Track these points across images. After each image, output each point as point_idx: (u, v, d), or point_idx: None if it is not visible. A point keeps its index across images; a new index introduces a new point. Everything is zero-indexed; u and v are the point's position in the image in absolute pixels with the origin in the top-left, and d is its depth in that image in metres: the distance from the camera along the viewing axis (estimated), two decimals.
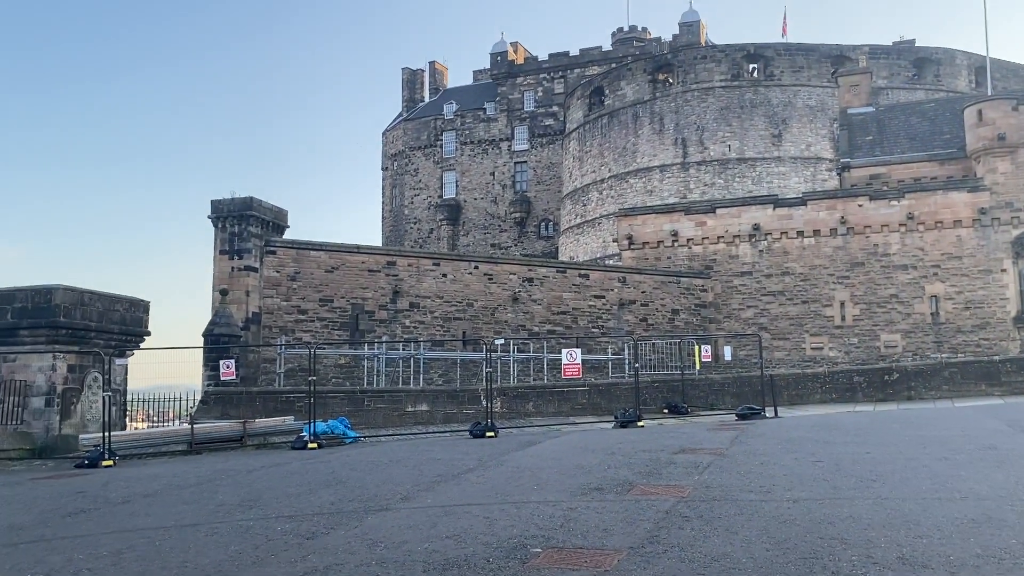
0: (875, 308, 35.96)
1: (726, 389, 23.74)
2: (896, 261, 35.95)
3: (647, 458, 12.30)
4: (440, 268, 32.51)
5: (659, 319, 36.81)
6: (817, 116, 57.08)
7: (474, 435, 17.05)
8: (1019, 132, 34.59)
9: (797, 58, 58.15)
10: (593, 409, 22.33)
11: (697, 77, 58.94)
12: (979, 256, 34.90)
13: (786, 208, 37.80)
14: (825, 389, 24.00)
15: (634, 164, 60.39)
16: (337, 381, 28.86)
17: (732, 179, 56.62)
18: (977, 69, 58.46)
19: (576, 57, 78.56)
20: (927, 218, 35.57)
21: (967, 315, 34.81)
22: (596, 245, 61.27)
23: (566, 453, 13.63)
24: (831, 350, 36.30)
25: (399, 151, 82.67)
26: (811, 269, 36.94)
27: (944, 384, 22.95)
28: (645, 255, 39.59)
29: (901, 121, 41.85)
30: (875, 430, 14.67)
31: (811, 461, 11.38)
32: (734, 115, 57.47)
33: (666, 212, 40.13)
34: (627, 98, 61.81)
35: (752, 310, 37.43)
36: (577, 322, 34.67)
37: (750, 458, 11.99)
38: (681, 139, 58.43)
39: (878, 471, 10.26)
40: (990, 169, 35.19)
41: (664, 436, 15.63)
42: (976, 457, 10.97)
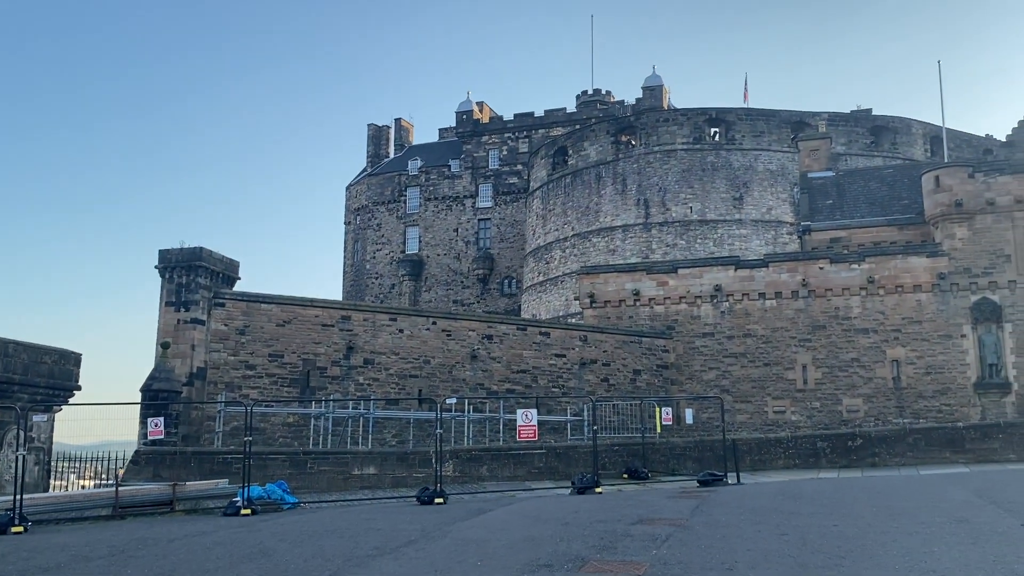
0: (837, 372, 35.68)
1: (688, 453, 23.01)
2: (857, 324, 35.83)
3: (603, 529, 11.45)
4: (397, 323, 31.63)
5: (621, 379, 36.16)
6: (778, 180, 57.74)
7: (422, 501, 16.05)
8: (975, 199, 35.00)
9: (758, 123, 59.04)
10: (550, 473, 21.42)
11: (660, 139, 59.52)
12: (939, 321, 34.91)
13: (748, 269, 37.68)
14: (788, 454, 23.37)
15: (597, 223, 60.42)
16: (285, 441, 27.60)
17: (694, 240, 56.78)
18: (932, 138, 59.85)
19: (541, 118, 79.28)
20: (887, 282, 35.62)
21: (928, 380, 34.65)
22: (559, 303, 60.82)
23: (517, 523, 12.73)
24: (793, 414, 35.84)
25: (362, 206, 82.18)
26: (773, 331, 36.68)
27: (908, 451, 22.45)
28: (607, 314, 39.12)
29: (860, 186, 42.31)
30: (841, 500, 13.99)
31: (776, 534, 10.63)
32: (696, 177, 57.94)
33: (628, 271, 39.80)
34: (590, 158, 62.17)
35: (714, 372, 36.95)
36: (537, 381, 33.88)
37: (711, 530, 11.21)
38: (643, 200, 58.67)
39: (847, 547, 9.54)
40: (948, 235, 35.47)
41: (622, 504, 14.79)
42: (948, 531, 10.31)
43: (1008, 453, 21.39)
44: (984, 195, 34.98)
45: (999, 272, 34.45)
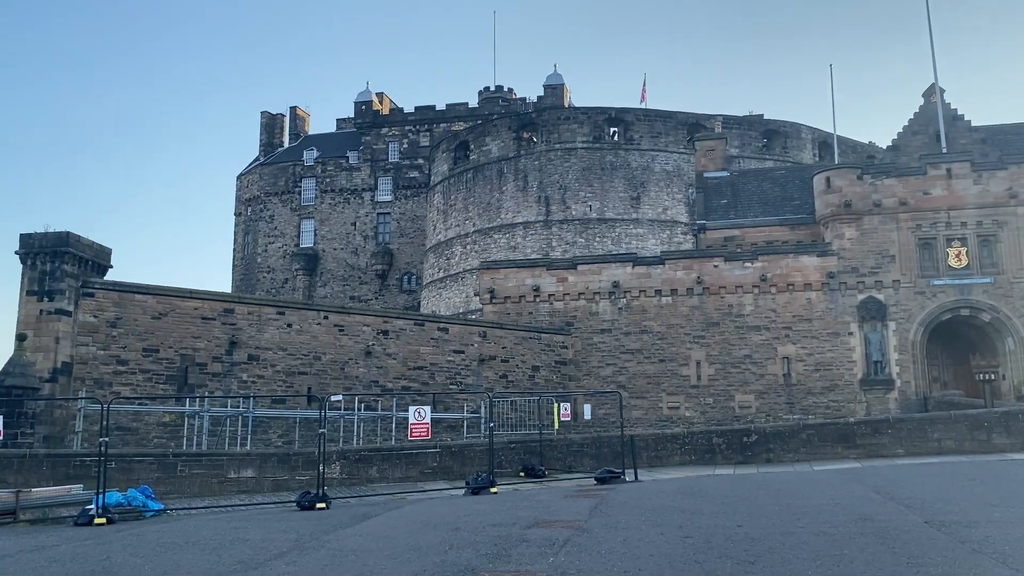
0: (730, 368, 36.08)
1: (585, 450, 22.47)
2: (750, 322, 36.33)
3: (496, 534, 10.58)
4: (285, 317, 29.98)
5: (519, 376, 35.55)
6: (674, 181, 58.49)
7: (302, 506, 14.81)
8: (864, 200, 35.99)
9: (656, 124, 59.68)
10: (444, 473, 20.45)
11: (560, 137, 59.39)
12: (828, 319, 35.75)
13: (645, 267, 37.71)
14: (685, 450, 23.15)
15: (498, 220, 59.80)
16: (160, 442, 25.62)
17: (593, 239, 56.88)
18: (820, 143, 61.91)
19: (442, 112, 78.14)
20: (779, 280, 36.25)
21: (817, 377, 35.43)
22: (459, 300, 59.92)
23: (403, 529, 11.73)
24: (687, 410, 36.05)
25: (254, 196, 79.04)
26: (668, 328, 36.82)
27: (802, 446, 22.58)
28: (507, 310, 38.47)
29: (754, 186, 43.06)
30: (742, 498, 13.58)
31: (679, 537, 10.00)
32: (595, 176, 58.07)
33: (529, 267, 39.25)
34: (492, 154, 61.48)
35: (611, 368, 36.81)
36: (435, 378, 32.85)
37: (611, 533, 10.50)
38: (544, 197, 58.39)
39: (755, 550, 8.98)
40: (837, 235, 36.36)
41: (518, 505, 13.98)
42: (855, 531, 9.91)
43: (896, 448, 21.76)
44: (872, 197, 36.04)
45: (884, 272, 35.55)
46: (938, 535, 9.45)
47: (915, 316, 35.07)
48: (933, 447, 21.54)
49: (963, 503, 11.93)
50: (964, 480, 14.89)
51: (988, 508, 11.43)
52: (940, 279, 35.13)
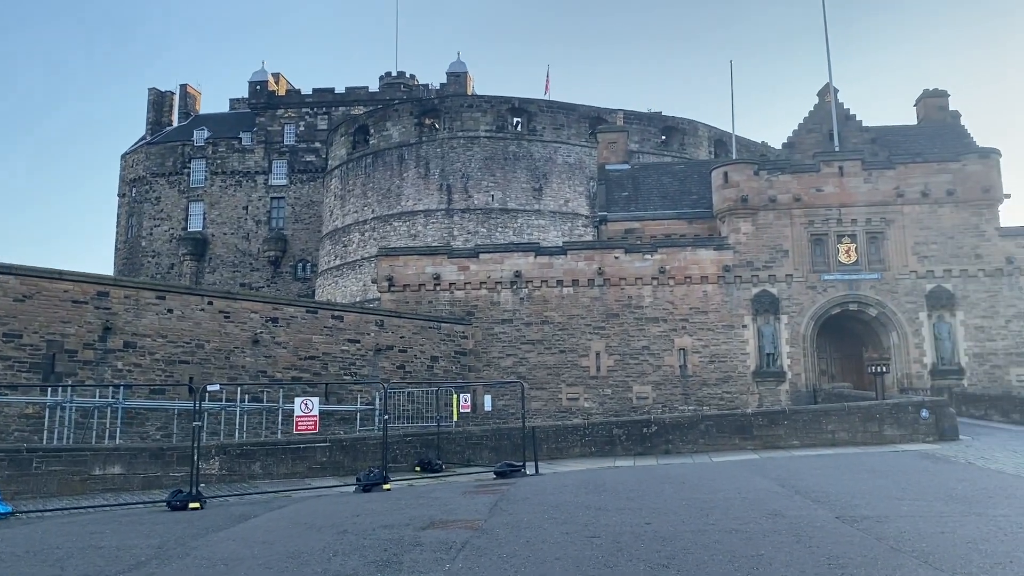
0: (628, 360, 36.06)
1: (485, 443, 21.69)
2: (648, 314, 36.41)
3: (387, 538, 9.63)
4: (166, 302, 27.94)
5: (418, 366, 34.50)
6: (575, 173, 58.53)
7: (173, 507, 13.45)
8: (759, 196, 36.54)
9: (558, 115, 59.56)
10: (335, 468, 19.28)
11: (463, 125, 58.49)
12: (723, 311, 36.16)
13: (547, 257, 37.27)
14: (585, 442, 22.69)
15: (398, 207, 58.44)
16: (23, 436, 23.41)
17: (495, 228, 56.30)
18: (716, 141, 63.21)
19: (342, 95, 75.92)
20: (677, 273, 36.44)
21: (712, 368, 35.80)
22: (356, 288, 58.27)
23: (284, 532, 10.62)
24: (586, 401, 35.84)
25: (139, 176, 74.88)
26: (569, 319, 36.50)
27: (700, 438, 22.47)
28: (406, 298, 37.33)
29: (654, 180, 43.24)
30: (647, 492, 13.06)
31: (586, 537, 9.31)
32: (498, 166, 57.47)
33: (429, 255, 38.20)
34: (393, 139, 60.01)
35: (512, 358, 36.22)
36: (327, 368, 31.41)
37: (513, 534, 9.72)
38: (446, 185, 57.39)
39: (667, 551, 8.36)
40: (734, 229, 36.80)
41: (412, 503, 13.04)
42: (768, 528, 9.44)
43: (792, 439, 21.90)
44: (767, 192, 36.62)
45: (778, 266, 36.20)
46: (853, 532, 9.08)
47: (806, 310, 35.88)
48: (827, 439, 21.79)
49: (869, 496, 11.73)
50: (864, 472, 14.85)
51: (895, 502, 11.24)
52: (831, 274, 36.04)
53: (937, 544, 8.24)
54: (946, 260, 35.49)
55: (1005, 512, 10.13)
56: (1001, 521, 9.46)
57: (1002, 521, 9.46)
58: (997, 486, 12.59)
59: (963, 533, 8.76)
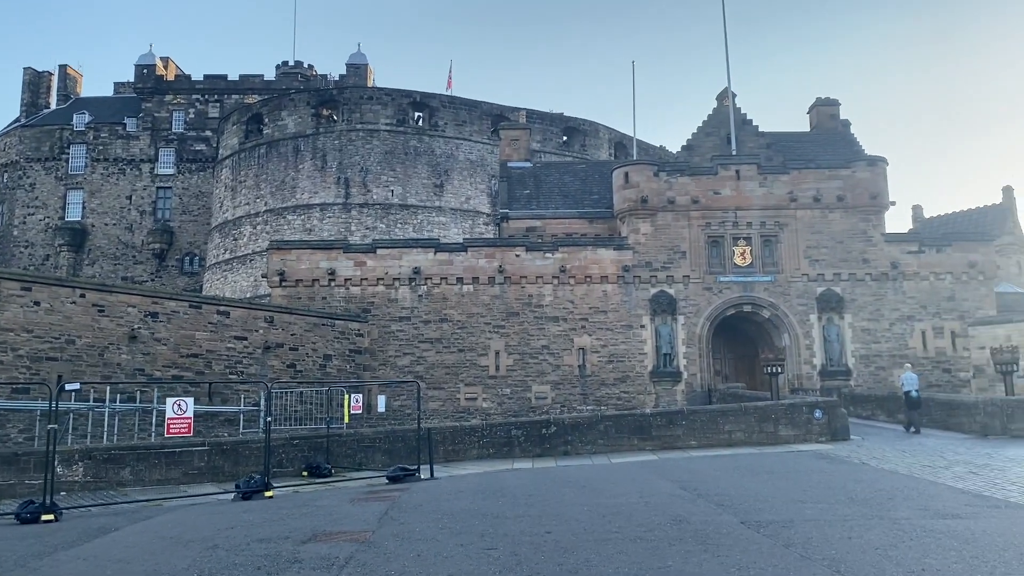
0: (528, 359, 35.67)
1: (378, 445, 20.73)
2: (549, 313, 36.11)
3: (262, 553, 8.68)
4: (31, 294, 25.71)
5: (310, 365, 33.09)
6: (477, 171, 57.93)
7: (22, 519, 12.01)
8: (659, 197, 36.78)
9: (461, 112, 58.84)
10: (214, 474, 17.96)
11: (363, 117, 57.02)
12: (622, 311, 36.22)
13: (447, 253, 36.48)
14: (483, 444, 22.04)
15: (293, 200, 56.43)
16: None
17: (394, 224, 55.09)
18: (616, 144, 63.83)
19: (235, 82, 72.94)
20: (578, 272, 36.28)
21: (610, 368, 35.79)
22: (247, 284, 55.93)
23: (147, 548, 9.49)
24: (485, 400, 35.25)
25: (12, 161, 69.88)
26: (469, 317, 35.82)
27: (599, 438, 22.16)
28: (298, 294, 35.83)
29: (555, 179, 43.07)
30: (547, 497, 12.47)
31: (482, 549, 8.60)
32: (398, 160, 56.27)
33: (324, 248, 36.79)
34: (288, 129, 57.93)
35: (409, 357, 35.25)
36: (212, 367, 29.67)
37: (403, 546, 8.92)
38: (344, 179, 55.79)
39: (570, 563, 7.75)
40: (633, 229, 36.92)
41: (295, 512, 12.05)
42: (673, 536, 8.97)
43: (690, 440, 21.84)
44: (666, 194, 36.90)
45: (676, 267, 36.51)
46: (760, 538, 8.70)
47: (703, 311, 36.32)
48: (724, 439, 21.83)
49: (772, 500, 11.48)
50: (763, 474, 14.72)
51: (797, 505, 11.01)
52: (726, 276, 36.60)
53: (846, 551, 7.92)
54: (836, 264, 36.57)
55: (906, 515, 10.00)
56: (905, 525, 9.29)
57: (905, 525, 9.29)
58: (893, 487, 12.59)
59: (870, 538, 8.50)
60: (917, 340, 36.09)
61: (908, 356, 35.38)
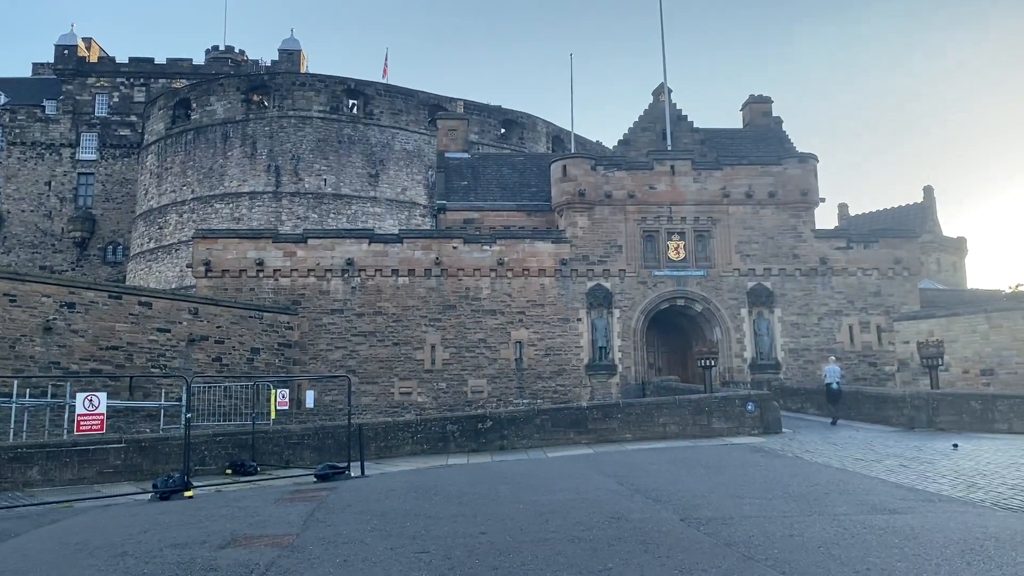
0: (464, 352, 35.22)
1: (306, 442, 20.03)
2: (486, 306, 35.71)
3: (175, 561, 8.07)
4: None
5: (236, 359, 32.02)
6: (414, 161, 57.10)
7: None
8: (596, 190, 36.70)
9: (397, 101, 57.87)
10: (132, 473, 17.06)
11: (295, 104, 55.57)
12: (559, 305, 36.05)
13: (382, 244, 35.73)
14: (417, 439, 21.54)
15: (221, 188, 54.69)
16: None
17: (327, 215, 53.89)
18: (554, 138, 63.70)
19: (163, 66, 70.41)
20: (515, 265, 35.96)
21: (547, 362, 35.60)
22: (172, 274, 54.04)
23: (45, 558, 8.76)
24: (420, 395, 34.68)
25: None
26: (404, 310, 35.17)
27: (535, 432, 21.89)
28: (225, 284, 34.65)
29: (494, 170, 42.65)
30: (482, 495, 12.06)
31: (414, 552, 8.16)
32: (332, 149, 55.04)
33: (252, 238, 35.65)
34: (217, 115, 56.09)
35: (341, 351, 34.43)
36: (133, 360, 28.44)
37: (329, 551, 8.42)
38: (275, 167, 54.30)
39: (505, 567, 7.36)
40: (571, 223, 36.77)
41: (215, 514, 11.39)
42: (612, 535, 8.67)
43: (625, 433, 21.74)
44: (604, 187, 36.85)
45: (612, 261, 36.50)
46: (701, 537, 8.46)
47: (637, 304, 36.39)
48: (659, 432, 21.79)
49: (710, 496, 11.30)
50: (699, 468, 14.60)
51: (736, 501, 10.85)
52: (661, 270, 36.74)
53: (789, 550, 7.73)
54: (767, 259, 37.06)
55: (845, 510, 9.92)
56: (844, 521, 9.18)
57: (845, 521, 9.18)
58: (828, 481, 12.58)
59: (812, 536, 8.34)
60: (844, 334, 36.83)
61: (836, 350, 36.10)
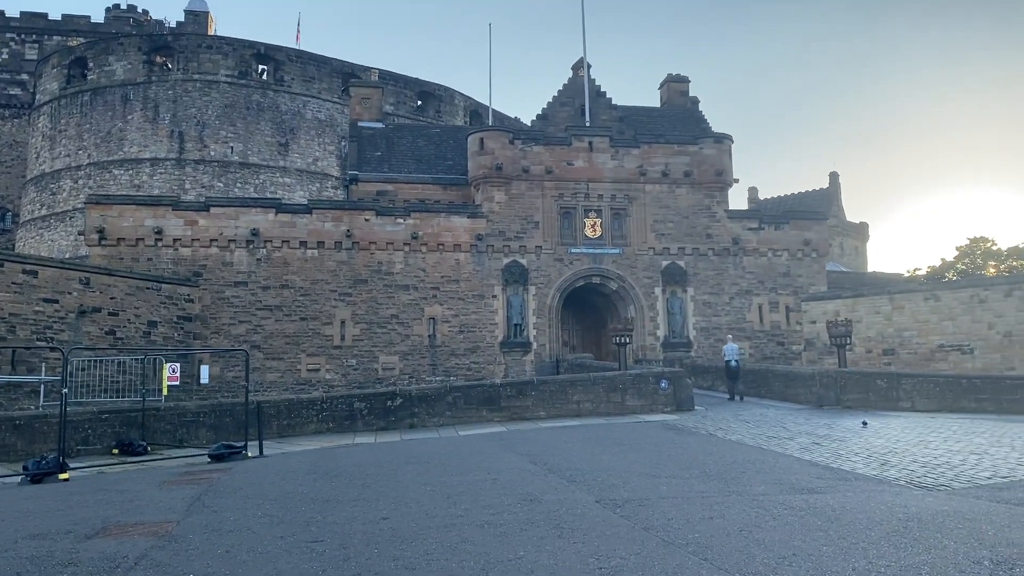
0: (376, 328, 34.21)
1: (202, 420, 18.85)
2: (399, 281, 34.74)
3: (30, 554, 7.08)
4: None
5: (132, 332, 30.23)
6: (326, 131, 55.33)
7: None
8: (514, 165, 36.06)
9: (309, 67, 55.87)
10: (5, 453, 15.63)
11: (201, 67, 52.94)
12: (474, 281, 35.37)
13: (289, 215, 34.28)
14: (322, 417, 20.60)
15: (120, 153, 51.79)
16: None
17: (233, 184, 51.68)
18: (471, 112, 62.69)
19: (57, 22, 66.20)
20: (430, 239, 35.07)
21: (461, 339, 34.93)
22: (67, 243, 50.99)
23: None
24: (328, 372, 33.54)
25: None
26: (313, 283, 33.88)
27: (447, 410, 21.24)
28: (120, 254, 32.66)
29: (409, 142, 41.50)
30: (387, 476, 11.33)
31: (306, 542, 7.39)
32: (239, 116, 52.73)
33: (150, 204, 33.67)
34: (117, 76, 52.99)
35: (245, 325, 32.94)
36: (16, 332, 26.43)
37: (211, 540, 7.57)
38: (178, 132, 51.70)
39: (406, 557, 6.68)
40: (488, 197, 36.06)
41: (90, 499, 10.32)
42: (524, 519, 8.08)
43: (539, 410, 21.31)
44: (521, 162, 36.24)
45: (529, 237, 36.00)
46: (618, 520, 7.95)
47: (553, 282, 36.04)
48: (573, 409, 21.44)
49: (625, 475, 10.86)
50: (613, 446, 14.20)
51: (652, 480, 10.42)
52: (577, 247, 36.45)
53: (710, 534, 7.28)
54: (681, 239, 37.19)
55: (763, 490, 9.60)
56: (764, 501, 8.83)
57: (765, 501, 8.84)
58: (744, 459, 12.33)
59: (733, 518, 7.94)
60: (754, 314, 37.37)
61: (745, 329, 36.62)
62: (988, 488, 9.70)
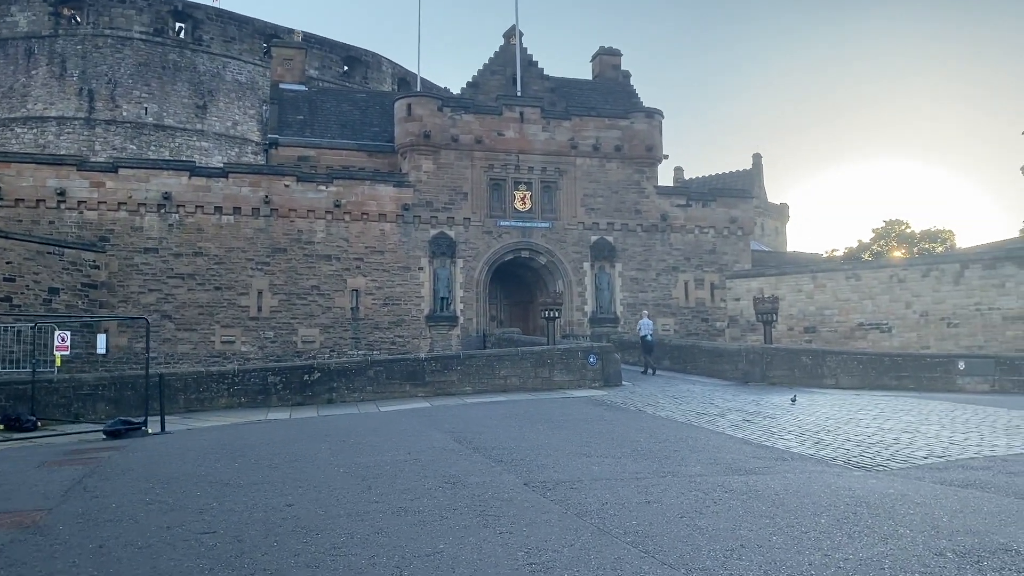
0: (295, 299, 32.89)
1: (101, 393, 17.52)
2: (320, 250, 33.43)
3: None
4: None
5: (31, 299, 28.25)
6: (247, 94, 53.06)
7: None
8: (443, 133, 35.01)
9: (229, 27, 53.39)
10: None
11: (113, 22, 49.95)
12: (400, 252, 34.33)
13: (204, 179, 32.53)
14: (234, 391, 19.45)
15: (23, 110, 48.58)
16: None
17: (147, 146, 49.11)
18: (400, 79, 61.02)
19: None
20: (354, 208, 33.83)
21: (385, 311, 33.91)
22: None
23: None
24: (244, 344, 32.12)
25: None
26: (228, 252, 32.30)
27: (368, 385, 20.33)
28: (19, 216, 30.49)
29: (333, 106, 39.92)
30: (299, 456, 10.43)
31: (196, 533, 6.49)
32: (154, 75, 50.02)
33: (53, 164, 31.47)
34: (20, 28, 49.56)
35: (155, 294, 31.22)
36: None
37: (85, 531, 6.60)
38: (88, 90, 48.77)
39: (309, 553, 5.86)
40: (415, 166, 34.96)
41: None
42: (446, 504, 7.34)
43: (465, 386, 20.59)
44: (450, 131, 35.22)
45: (457, 209, 35.09)
46: (549, 505, 7.29)
47: (482, 255, 35.27)
48: (500, 384, 20.79)
49: (555, 454, 10.22)
50: (542, 423, 13.58)
51: (583, 460, 9.81)
52: (507, 220, 35.72)
53: (649, 522, 6.67)
54: (610, 214, 36.83)
55: (699, 471, 9.09)
56: (702, 483, 8.30)
57: (702, 483, 8.31)
58: (676, 437, 11.86)
59: (671, 503, 7.37)
60: (680, 290, 37.37)
61: (671, 306, 36.60)
62: (927, 469, 9.41)
